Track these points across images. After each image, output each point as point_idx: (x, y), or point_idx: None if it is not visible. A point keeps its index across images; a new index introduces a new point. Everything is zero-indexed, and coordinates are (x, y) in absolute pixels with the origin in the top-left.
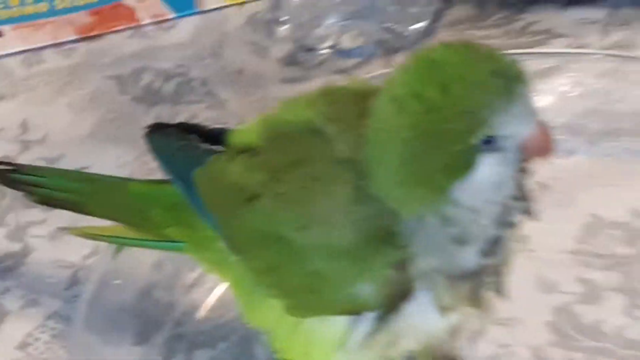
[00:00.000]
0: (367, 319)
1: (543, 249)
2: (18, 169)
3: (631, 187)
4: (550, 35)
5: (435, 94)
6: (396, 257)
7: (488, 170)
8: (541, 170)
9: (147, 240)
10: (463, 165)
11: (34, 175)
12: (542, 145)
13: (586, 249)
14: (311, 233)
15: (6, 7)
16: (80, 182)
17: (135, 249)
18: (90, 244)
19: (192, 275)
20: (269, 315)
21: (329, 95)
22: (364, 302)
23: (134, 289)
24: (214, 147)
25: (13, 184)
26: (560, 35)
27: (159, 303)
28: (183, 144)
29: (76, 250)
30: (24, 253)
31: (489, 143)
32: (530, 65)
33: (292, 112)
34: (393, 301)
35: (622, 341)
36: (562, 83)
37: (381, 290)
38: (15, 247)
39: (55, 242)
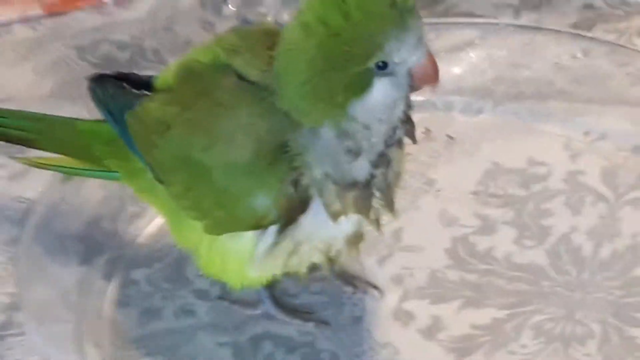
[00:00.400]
0: (270, 232)
1: (448, 190)
2: None
3: (528, 141)
4: (469, 16)
5: (338, 20)
6: (290, 169)
7: (382, 91)
8: (451, 125)
9: (89, 170)
10: (360, 85)
11: None
12: (429, 73)
13: (485, 190)
14: (215, 152)
15: None
16: (33, 121)
17: (83, 182)
18: (44, 182)
19: (135, 209)
20: (192, 235)
21: (238, 33)
22: (264, 215)
23: (81, 217)
24: (145, 93)
25: None
26: (478, 16)
27: (103, 230)
28: (118, 90)
29: (33, 188)
30: None
31: (383, 67)
32: (450, 38)
33: (204, 52)
34: (290, 213)
35: (510, 265)
36: (476, 54)
37: (278, 202)
38: None
39: (14, 181)
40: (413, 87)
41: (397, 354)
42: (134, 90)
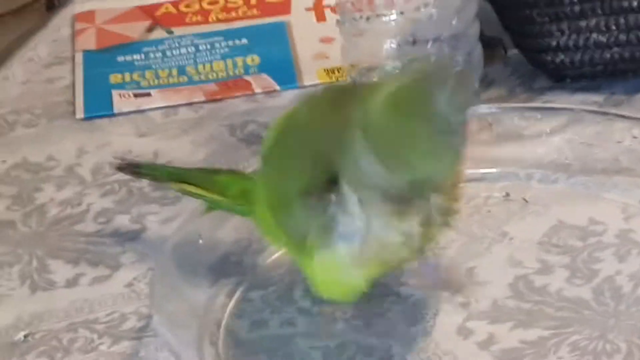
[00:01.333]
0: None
1: (518, 240)
2: (139, 165)
3: (591, 205)
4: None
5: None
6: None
7: None
8: (528, 191)
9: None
10: None
11: (149, 167)
12: None
13: (549, 241)
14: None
15: (157, 77)
16: (181, 171)
17: (219, 224)
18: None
19: (258, 246)
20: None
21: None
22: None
23: (214, 252)
24: None
25: (135, 175)
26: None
27: (231, 262)
28: None
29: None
30: (141, 230)
31: None
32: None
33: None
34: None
35: (559, 297)
36: (558, 138)
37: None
38: (135, 226)
39: (164, 226)
40: None
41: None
42: None
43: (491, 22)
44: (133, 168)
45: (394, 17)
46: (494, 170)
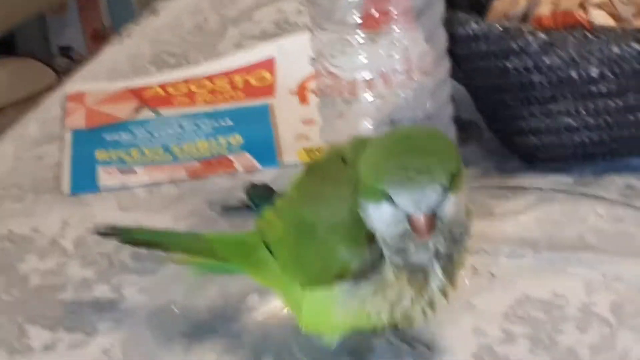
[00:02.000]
0: (348, 284)
1: (484, 312)
2: (123, 229)
3: (556, 280)
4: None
5: (368, 160)
6: (370, 234)
7: (384, 210)
8: (496, 265)
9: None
10: (373, 196)
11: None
12: (416, 228)
13: (514, 313)
14: (321, 213)
15: (142, 154)
16: (169, 236)
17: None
18: None
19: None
20: (295, 298)
21: None
22: (348, 265)
23: (187, 315)
24: None
25: (119, 239)
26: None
27: (203, 327)
28: (269, 192)
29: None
30: (119, 299)
31: (390, 199)
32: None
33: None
34: (364, 268)
35: None
36: (526, 217)
37: (360, 256)
38: (114, 295)
39: (141, 295)
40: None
41: None
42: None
43: (468, 105)
44: (117, 232)
45: (371, 99)
46: None
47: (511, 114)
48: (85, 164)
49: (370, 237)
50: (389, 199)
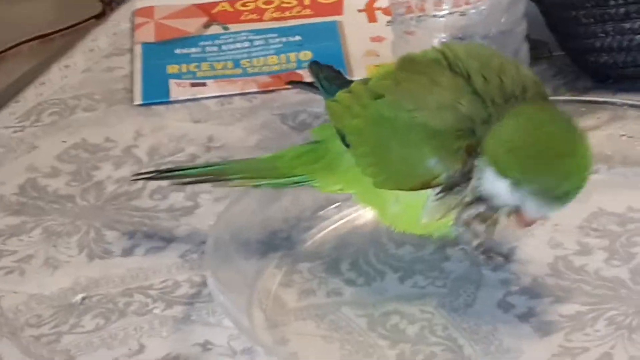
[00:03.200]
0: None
1: (560, 225)
2: (165, 171)
3: (631, 194)
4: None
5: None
6: (469, 147)
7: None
8: None
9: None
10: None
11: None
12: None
13: (589, 225)
14: (419, 115)
15: (212, 69)
16: (220, 164)
17: (269, 203)
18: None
19: (307, 224)
20: (377, 199)
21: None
22: (435, 176)
23: (265, 227)
24: None
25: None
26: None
27: (280, 237)
28: (334, 74)
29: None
30: (195, 207)
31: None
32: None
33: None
34: (454, 181)
35: (598, 277)
36: (603, 131)
37: (450, 169)
38: (189, 203)
39: (217, 203)
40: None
41: (496, 330)
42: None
43: (537, 25)
44: (162, 174)
45: (443, 15)
46: None
47: (584, 32)
48: (156, 76)
49: (470, 151)
50: (520, 187)
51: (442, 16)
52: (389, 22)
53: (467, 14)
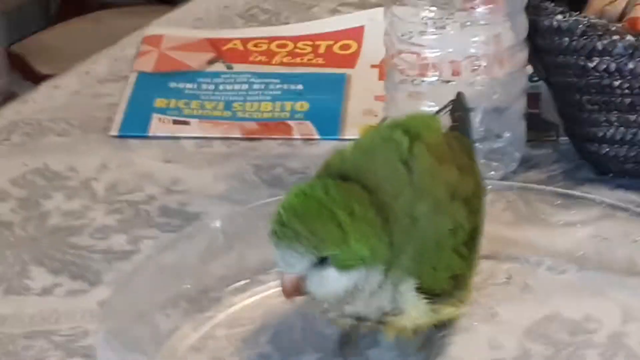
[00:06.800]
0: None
1: (506, 324)
2: None
3: (594, 302)
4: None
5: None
6: None
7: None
8: (534, 278)
9: None
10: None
11: None
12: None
13: (537, 330)
14: None
15: (202, 107)
16: None
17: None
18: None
19: (241, 284)
20: None
21: None
22: None
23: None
24: None
25: None
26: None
27: (209, 295)
28: None
29: None
30: (134, 252)
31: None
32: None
33: None
34: None
35: None
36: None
37: None
38: (129, 247)
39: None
40: None
41: None
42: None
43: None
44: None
45: (436, 82)
46: (504, 250)
47: (587, 118)
48: (141, 108)
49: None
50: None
51: (436, 83)
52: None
53: (459, 85)
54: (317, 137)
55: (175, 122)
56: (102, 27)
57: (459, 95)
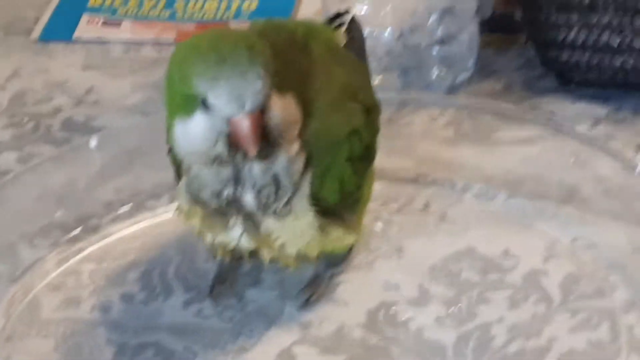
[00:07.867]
0: None
1: (410, 260)
2: None
3: (516, 235)
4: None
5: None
6: None
7: (197, 122)
8: (456, 206)
9: None
10: (184, 108)
11: None
12: (240, 134)
13: (444, 267)
14: None
15: (139, 6)
16: None
17: None
18: None
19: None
20: None
21: None
22: None
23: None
24: None
25: None
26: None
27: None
28: None
29: None
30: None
31: (204, 104)
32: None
33: None
34: None
35: (416, 339)
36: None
37: None
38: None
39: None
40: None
41: None
42: None
43: None
44: None
45: None
46: (432, 174)
47: (547, 21)
48: (72, 8)
49: None
50: (203, 104)
51: None
52: None
53: None
54: None
55: (105, 23)
56: None
57: (354, 18)
